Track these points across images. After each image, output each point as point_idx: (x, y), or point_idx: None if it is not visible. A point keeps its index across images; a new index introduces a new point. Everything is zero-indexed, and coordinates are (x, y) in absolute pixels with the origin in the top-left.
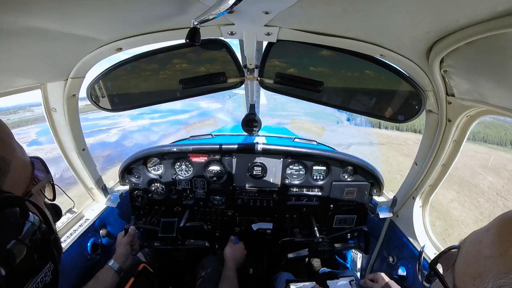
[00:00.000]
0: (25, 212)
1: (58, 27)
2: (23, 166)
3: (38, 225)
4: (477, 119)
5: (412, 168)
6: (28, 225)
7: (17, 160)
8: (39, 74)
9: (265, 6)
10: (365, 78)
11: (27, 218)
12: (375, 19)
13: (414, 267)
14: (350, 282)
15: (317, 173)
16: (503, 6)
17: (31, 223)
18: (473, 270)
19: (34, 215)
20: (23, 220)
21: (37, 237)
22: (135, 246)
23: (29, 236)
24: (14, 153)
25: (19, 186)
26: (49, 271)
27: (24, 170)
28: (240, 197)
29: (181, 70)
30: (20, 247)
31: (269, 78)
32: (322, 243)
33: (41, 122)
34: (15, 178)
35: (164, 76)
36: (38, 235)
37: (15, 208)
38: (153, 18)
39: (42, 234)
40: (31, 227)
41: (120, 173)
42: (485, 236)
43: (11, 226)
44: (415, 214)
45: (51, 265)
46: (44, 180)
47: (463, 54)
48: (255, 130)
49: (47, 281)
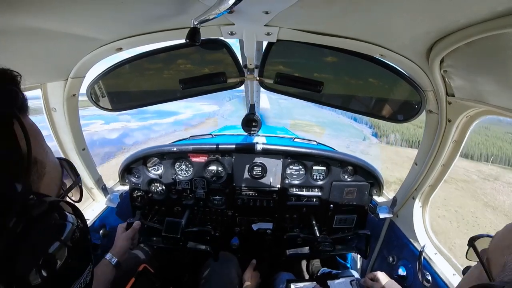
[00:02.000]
0: (63, 214)
1: (58, 27)
2: (55, 169)
3: (81, 227)
4: (477, 119)
5: (412, 168)
6: (70, 226)
7: (50, 163)
8: (39, 74)
9: (265, 6)
10: (365, 78)
11: (69, 220)
12: (375, 19)
13: (414, 267)
14: (350, 282)
15: (317, 173)
16: (503, 6)
17: (76, 226)
18: (503, 243)
19: (72, 215)
20: (67, 222)
21: (79, 240)
22: (135, 241)
23: (74, 239)
24: (48, 155)
25: (53, 189)
26: (90, 272)
27: (56, 172)
28: (240, 197)
29: (181, 70)
30: (68, 249)
31: (269, 78)
32: (324, 243)
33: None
34: (50, 180)
35: (164, 76)
36: (79, 237)
37: (60, 211)
38: (153, 18)
39: (83, 236)
40: (75, 229)
41: (120, 173)
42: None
43: (59, 230)
44: (415, 214)
45: (91, 266)
46: (75, 182)
47: (463, 54)
48: (255, 130)
49: (87, 281)
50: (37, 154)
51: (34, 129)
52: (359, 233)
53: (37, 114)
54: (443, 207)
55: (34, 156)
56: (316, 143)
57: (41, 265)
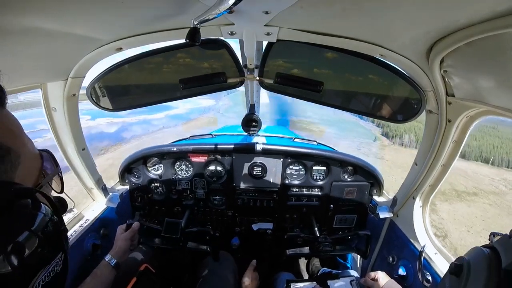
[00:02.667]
0: (37, 203)
1: (58, 27)
2: (33, 159)
3: (50, 216)
4: (477, 119)
5: (412, 168)
6: (41, 216)
7: (27, 153)
8: (39, 73)
9: (265, 6)
10: (365, 78)
11: (39, 209)
12: (375, 19)
13: (414, 266)
14: (350, 282)
15: (317, 173)
16: (503, 6)
17: (43, 214)
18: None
19: (45, 206)
20: (36, 211)
21: (49, 228)
22: (135, 242)
23: (41, 227)
24: (24, 146)
25: (29, 179)
26: (60, 261)
27: (34, 162)
28: (240, 197)
29: (181, 69)
30: (33, 237)
31: (269, 78)
32: (324, 243)
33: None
34: (25, 170)
35: (164, 76)
36: (49, 225)
37: (27, 200)
38: (153, 18)
39: (54, 225)
40: (43, 218)
41: (120, 173)
42: None
43: (24, 217)
44: (415, 214)
45: (61, 255)
46: (54, 172)
47: (463, 54)
48: (255, 130)
49: (57, 270)
50: (11, 144)
51: (10, 122)
52: (360, 234)
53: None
54: (484, 232)
55: (8, 147)
56: (316, 143)
57: (7, 252)
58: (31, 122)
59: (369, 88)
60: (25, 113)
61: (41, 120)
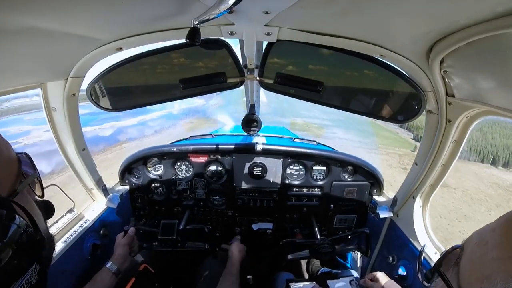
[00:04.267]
0: (10, 214)
1: (58, 26)
2: (8, 163)
3: (24, 228)
4: (477, 119)
5: (412, 168)
6: (14, 227)
7: (1, 157)
8: (39, 73)
9: (265, 6)
10: (365, 78)
11: (13, 220)
12: (375, 19)
13: (414, 266)
14: (350, 282)
15: (317, 173)
16: (503, 6)
17: (17, 225)
18: (480, 272)
19: (19, 217)
20: (8, 222)
21: (22, 239)
22: (134, 247)
23: (13, 239)
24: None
25: (3, 185)
26: (35, 273)
27: (9, 167)
28: (240, 197)
29: (181, 69)
30: (4, 250)
31: (269, 78)
32: (323, 245)
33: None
34: (0, 176)
35: (164, 76)
36: (23, 237)
37: (0, 210)
38: (153, 18)
39: (28, 236)
40: (16, 229)
41: (120, 173)
42: (491, 236)
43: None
44: (415, 214)
45: (36, 266)
46: (30, 178)
47: (463, 54)
48: (255, 130)
49: (33, 282)
50: None
51: None
52: (358, 232)
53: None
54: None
55: None
56: (316, 143)
57: None
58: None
59: (369, 88)
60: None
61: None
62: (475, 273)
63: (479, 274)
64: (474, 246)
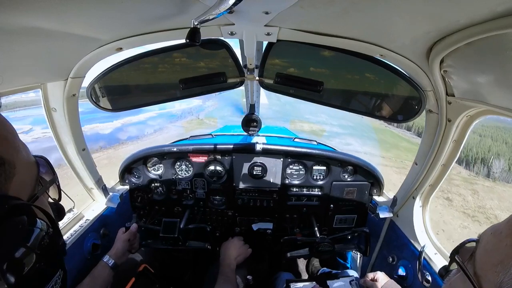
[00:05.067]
0: (33, 219)
1: (58, 27)
2: (28, 167)
3: (46, 231)
4: (477, 119)
5: (412, 168)
6: (37, 232)
7: (22, 161)
8: (39, 73)
9: (265, 6)
10: (365, 78)
11: (35, 225)
12: (375, 19)
13: (414, 267)
14: (350, 282)
15: (317, 173)
16: (503, 6)
17: (40, 229)
18: (494, 258)
19: (41, 221)
20: (31, 227)
21: (46, 244)
22: (135, 244)
23: (38, 244)
24: (19, 154)
25: (24, 189)
26: (59, 279)
27: (30, 171)
28: (240, 197)
29: (181, 69)
30: (30, 255)
31: (269, 78)
32: (323, 243)
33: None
34: (21, 181)
35: (164, 76)
36: (46, 241)
37: (22, 216)
38: (153, 18)
39: (51, 241)
40: (39, 234)
41: (120, 173)
42: (505, 227)
43: (20, 235)
44: (415, 214)
45: (60, 273)
46: (49, 182)
47: (463, 54)
48: (255, 130)
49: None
50: (4, 153)
51: (2, 126)
52: (357, 231)
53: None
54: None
55: (1, 156)
56: (316, 143)
57: (3, 270)
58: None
59: (369, 88)
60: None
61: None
62: (490, 259)
63: (494, 259)
64: (489, 236)
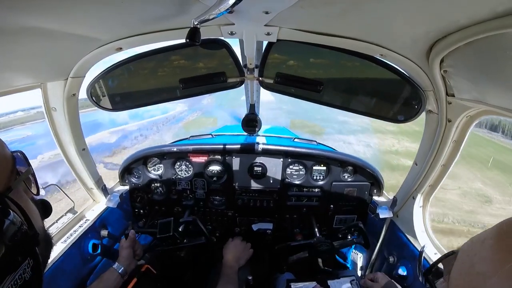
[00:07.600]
0: (4, 210)
1: (58, 27)
2: (2, 160)
3: (19, 224)
4: (477, 119)
5: (412, 168)
6: (7, 223)
7: None
8: (39, 73)
9: (265, 6)
10: (365, 78)
11: (7, 216)
12: (375, 19)
13: (414, 267)
14: (350, 282)
15: (317, 173)
16: (503, 6)
17: (10, 221)
18: (466, 284)
19: (13, 212)
20: (2, 218)
21: (15, 235)
22: (138, 251)
23: (7, 234)
24: None
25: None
26: (28, 268)
27: (4, 164)
28: (240, 197)
29: (181, 69)
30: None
31: (269, 78)
32: (321, 243)
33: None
34: None
35: (164, 76)
36: (16, 232)
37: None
38: (153, 18)
39: (21, 231)
40: (9, 225)
41: (120, 173)
42: (480, 248)
43: None
44: (415, 214)
45: (30, 262)
46: (24, 174)
47: (463, 54)
48: (255, 130)
49: (26, 277)
50: None
51: None
52: (351, 226)
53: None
54: None
55: None
56: (316, 143)
57: None
58: None
59: (369, 88)
60: None
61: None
62: (461, 283)
63: (465, 286)
64: (464, 256)
